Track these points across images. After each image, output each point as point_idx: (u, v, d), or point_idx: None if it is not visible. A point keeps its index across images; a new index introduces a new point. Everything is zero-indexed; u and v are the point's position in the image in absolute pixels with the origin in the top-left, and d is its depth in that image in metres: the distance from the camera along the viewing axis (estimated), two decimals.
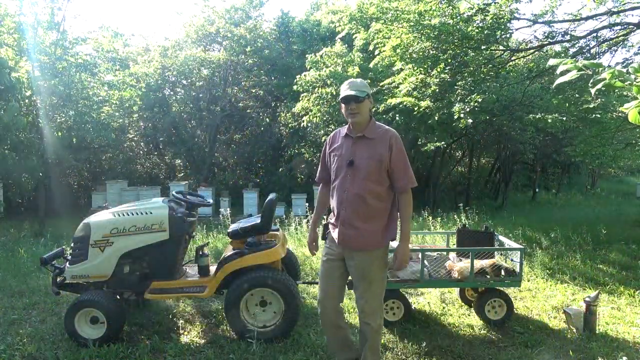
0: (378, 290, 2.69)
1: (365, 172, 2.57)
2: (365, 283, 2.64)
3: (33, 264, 5.85)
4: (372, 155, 2.58)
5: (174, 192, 3.96)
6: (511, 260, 4.18)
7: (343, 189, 2.62)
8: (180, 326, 3.90)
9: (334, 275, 2.73)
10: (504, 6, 7.13)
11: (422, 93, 9.07)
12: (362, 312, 2.69)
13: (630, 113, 1.78)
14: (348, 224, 2.61)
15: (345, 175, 2.62)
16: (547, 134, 13.46)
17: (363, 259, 2.63)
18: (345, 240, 2.63)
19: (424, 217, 9.41)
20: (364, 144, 2.62)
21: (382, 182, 2.60)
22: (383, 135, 2.63)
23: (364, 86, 2.62)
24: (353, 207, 2.59)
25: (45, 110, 10.32)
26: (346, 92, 2.58)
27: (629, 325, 4.00)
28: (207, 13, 15.47)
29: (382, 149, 2.58)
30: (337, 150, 2.70)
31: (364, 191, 2.57)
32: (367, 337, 2.70)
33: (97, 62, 12.46)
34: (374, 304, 2.67)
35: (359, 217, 2.59)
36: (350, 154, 2.62)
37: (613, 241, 7.50)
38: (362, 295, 2.67)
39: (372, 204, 2.59)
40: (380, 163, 2.57)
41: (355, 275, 2.68)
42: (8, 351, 3.40)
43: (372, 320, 2.66)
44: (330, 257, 2.74)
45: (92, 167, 15.63)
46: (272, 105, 17.17)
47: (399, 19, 7.65)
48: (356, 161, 2.59)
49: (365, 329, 2.70)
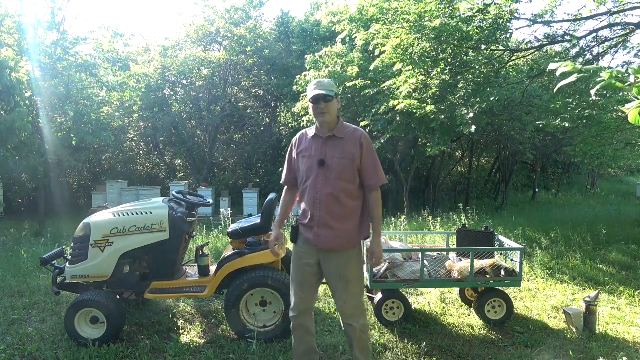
0: (356, 290, 2.66)
1: (337, 172, 2.57)
2: (343, 284, 2.63)
3: (33, 264, 5.85)
4: (343, 155, 2.58)
5: (174, 192, 3.96)
6: (511, 260, 4.18)
7: (316, 189, 2.60)
8: (180, 326, 3.90)
9: (310, 281, 2.70)
10: (504, 6, 7.13)
11: (423, 95, 9.06)
12: (342, 314, 2.67)
13: (631, 114, 1.79)
14: (323, 225, 2.58)
15: (317, 176, 2.60)
16: (547, 134, 13.47)
17: (339, 259, 2.62)
18: (322, 241, 2.60)
19: (424, 217, 9.42)
20: (335, 144, 2.61)
21: (354, 181, 2.60)
22: (353, 134, 2.63)
23: (332, 86, 2.62)
24: (327, 208, 2.57)
25: (46, 111, 10.33)
26: (315, 92, 2.56)
27: (629, 325, 4.00)
28: (207, 13, 15.49)
29: (352, 148, 2.59)
30: (306, 152, 2.67)
31: (337, 191, 2.56)
32: (352, 338, 2.68)
33: (97, 62, 12.46)
34: (354, 303, 2.65)
35: (333, 217, 2.58)
36: (320, 154, 2.61)
37: (613, 241, 7.50)
38: (341, 296, 2.64)
39: (346, 203, 2.59)
40: (352, 162, 2.58)
41: (332, 277, 2.65)
42: (8, 351, 3.40)
43: (354, 320, 2.64)
44: (304, 260, 2.70)
45: (92, 167, 15.66)
46: (272, 105, 17.18)
47: (399, 20, 7.65)
48: (327, 161, 2.58)
49: (349, 330, 2.67)
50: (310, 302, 2.76)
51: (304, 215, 2.69)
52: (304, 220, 2.67)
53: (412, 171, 12.79)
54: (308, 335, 2.78)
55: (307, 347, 2.79)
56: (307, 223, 2.65)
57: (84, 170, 15.32)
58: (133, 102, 15.06)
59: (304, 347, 2.79)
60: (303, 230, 2.71)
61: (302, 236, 2.72)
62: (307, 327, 2.77)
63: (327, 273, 2.67)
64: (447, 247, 4.76)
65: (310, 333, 2.79)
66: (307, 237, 2.67)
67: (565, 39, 7.85)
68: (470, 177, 16.59)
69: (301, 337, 2.78)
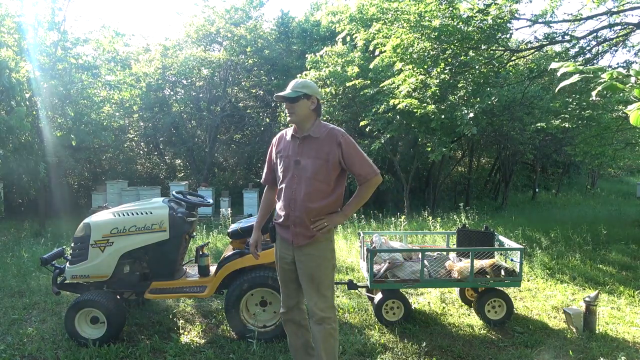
0: (327, 293, 2.65)
1: (311, 171, 2.58)
2: (314, 285, 2.62)
3: (33, 264, 5.85)
4: (318, 155, 2.59)
5: (174, 192, 3.96)
6: (511, 260, 4.18)
7: (291, 189, 2.62)
8: (180, 326, 3.90)
9: (291, 278, 2.74)
10: (504, 6, 7.13)
11: (423, 94, 9.06)
12: (312, 315, 2.65)
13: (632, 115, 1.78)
14: (299, 224, 2.60)
15: (293, 176, 2.62)
16: (547, 134, 13.47)
17: (312, 259, 2.62)
18: (299, 239, 2.62)
19: (424, 217, 9.42)
20: (310, 144, 2.63)
21: (328, 182, 2.61)
22: (328, 134, 2.63)
23: (303, 86, 2.61)
24: (302, 207, 2.58)
25: (46, 111, 10.32)
26: (279, 93, 2.63)
27: (629, 325, 4.00)
28: (207, 13, 15.47)
29: (328, 147, 2.59)
30: (284, 151, 2.70)
31: (311, 190, 2.58)
32: (319, 340, 2.63)
33: (98, 63, 12.46)
34: (324, 306, 2.63)
35: (308, 216, 2.59)
36: (296, 153, 2.63)
37: (613, 241, 7.50)
38: (311, 297, 2.64)
39: (320, 203, 2.60)
40: (326, 162, 2.58)
41: (304, 278, 2.65)
42: (8, 351, 3.40)
43: (323, 322, 2.61)
44: (283, 259, 2.74)
45: (92, 167, 15.65)
46: (272, 105, 17.17)
47: (399, 20, 7.65)
48: (302, 161, 2.60)
49: (316, 330, 2.64)
50: (296, 298, 2.78)
51: (279, 215, 2.71)
52: (280, 219, 2.70)
53: (412, 171, 12.79)
54: (301, 328, 2.80)
55: (302, 341, 2.81)
56: (283, 222, 2.68)
57: (84, 170, 15.31)
58: (133, 102, 15.05)
59: (299, 341, 2.81)
60: (279, 230, 2.73)
61: (279, 235, 2.74)
62: (298, 321, 2.80)
63: (300, 273, 2.68)
64: (447, 247, 4.77)
65: (302, 326, 2.80)
66: (284, 237, 2.70)
67: (565, 38, 7.85)
68: (470, 177, 16.58)
69: (294, 332, 2.81)
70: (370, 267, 3.82)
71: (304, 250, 2.64)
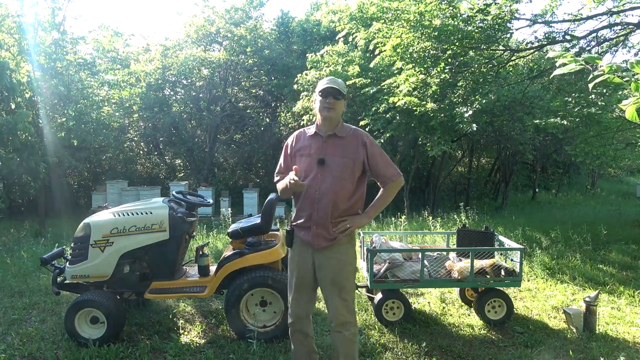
0: (349, 297, 2.58)
1: (337, 171, 2.52)
2: (335, 289, 2.56)
3: (33, 264, 5.85)
4: (344, 154, 2.54)
5: (174, 192, 3.96)
6: (511, 260, 4.18)
7: (314, 188, 2.54)
8: (180, 326, 3.90)
9: (307, 285, 2.64)
10: (504, 6, 7.13)
11: (423, 93, 9.06)
12: (332, 320, 2.59)
13: (628, 110, 1.78)
14: (321, 225, 2.53)
15: (316, 175, 2.54)
16: (547, 134, 13.46)
17: (334, 263, 2.55)
18: (319, 241, 2.55)
19: (424, 217, 9.41)
20: (335, 143, 2.57)
21: (353, 181, 2.56)
22: (354, 134, 2.60)
23: (344, 87, 2.59)
24: (326, 207, 2.51)
25: (46, 111, 10.33)
26: (326, 85, 2.52)
27: (629, 325, 4.00)
28: (207, 13, 15.48)
29: (354, 147, 2.56)
30: (305, 150, 2.61)
31: (336, 190, 2.51)
32: (340, 346, 2.59)
33: (97, 61, 12.46)
34: (345, 311, 2.57)
35: (332, 216, 2.52)
36: (320, 152, 2.56)
37: (613, 241, 7.50)
38: (332, 303, 2.57)
39: (344, 203, 2.55)
40: (352, 162, 2.54)
41: (325, 282, 2.58)
42: (8, 351, 3.40)
43: (344, 328, 2.56)
44: (301, 264, 2.63)
45: (92, 167, 15.64)
46: (272, 105, 17.18)
47: (399, 19, 7.65)
48: (327, 159, 2.54)
49: (337, 337, 2.59)
50: (308, 307, 2.70)
51: (299, 216, 2.63)
52: (300, 220, 2.62)
53: (412, 171, 12.79)
54: (307, 338, 2.74)
55: (307, 349, 2.76)
56: (304, 223, 2.60)
57: (84, 170, 15.29)
58: (133, 102, 15.05)
59: (304, 349, 2.75)
60: (298, 232, 2.65)
61: (298, 238, 2.66)
62: (306, 332, 2.72)
63: (321, 279, 2.60)
64: (447, 247, 4.77)
65: (309, 336, 2.74)
66: (304, 238, 2.61)
67: (565, 38, 7.85)
68: (470, 177, 16.57)
69: (300, 342, 2.73)
70: (370, 267, 3.82)
71: (324, 254, 2.56)
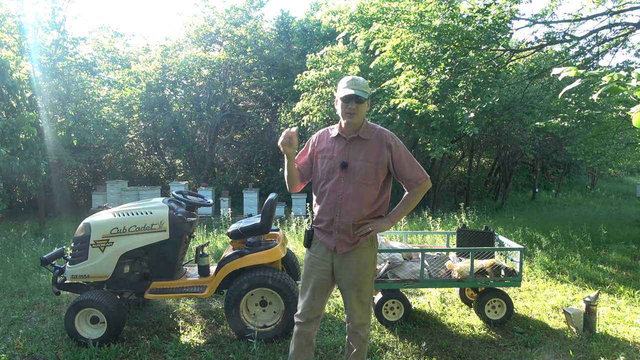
0: (366, 300, 2.55)
1: (360, 175, 2.43)
2: (354, 292, 2.51)
3: (33, 264, 5.85)
4: (367, 157, 2.44)
5: (174, 192, 3.96)
6: (511, 260, 4.18)
7: (337, 192, 2.45)
8: (180, 326, 3.90)
9: (323, 288, 2.57)
10: (504, 6, 7.13)
11: (423, 94, 9.06)
12: (351, 322, 2.56)
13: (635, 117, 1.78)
14: (343, 231, 2.46)
15: (339, 179, 2.45)
16: (547, 134, 13.47)
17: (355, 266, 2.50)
18: (342, 246, 2.48)
19: (424, 217, 9.42)
20: (359, 146, 2.47)
21: (377, 185, 2.46)
22: (378, 136, 2.49)
23: (366, 87, 2.45)
24: (349, 212, 2.44)
25: (46, 111, 10.33)
26: (348, 91, 2.39)
27: (629, 325, 4.00)
28: (207, 13, 15.49)
29: (378, 150, 2.46)
30: (327, 152, 2.52)
31: (360, 194, 2.43)
32: (354, 347, 2.57)
33: (97, 61, 12.46)
34: (363, 313, 2.54)
35: (354, 221, 2.45)
36: (343, 156, 2.46)
37: (613, 241, 7.50)
38: (351, 305, 2.53)
39: (368, 208, 2.46)
40: (376, 165, 2.44)
41: (345, 285, 2.53)
42: (8, 351, 3.40)
43: (360, 330, 2.54)
44: (318, 267, 2.55)
45: (92, 167, 15.65)
46: (272, 105, 17.18)
47: (399, 19, 7.65)
48: (350, 163, 2.44)
49: (353, 338, 2.56)
50: (320, 311, 2.63)
51: (320, 220, 2.55)
52: (321, 224, 2.54)
53: None
54: (309, 346, 2.65)
55: (305, 357, 2.66)
56: (325, 228, 2.51)
57: (84, 170, 15.30)
58: (133, 102, 15.05)
59: (302, 356, 2.65)
60: (319, 235, 2.56)
61: (317, 241, 2.57)
62: (310, 339, 2.63)
63: (340, 280, 2.55)
64: (447, 247, 4.77)
65: (311, 344, 2.66)
66: (326, 243, 2.52)
67: (565, 38, 7.86)
68: (470, 177, 16.57)
69: (302, 348, 2.63)
70: None
71: (345, 257, 2.51)
